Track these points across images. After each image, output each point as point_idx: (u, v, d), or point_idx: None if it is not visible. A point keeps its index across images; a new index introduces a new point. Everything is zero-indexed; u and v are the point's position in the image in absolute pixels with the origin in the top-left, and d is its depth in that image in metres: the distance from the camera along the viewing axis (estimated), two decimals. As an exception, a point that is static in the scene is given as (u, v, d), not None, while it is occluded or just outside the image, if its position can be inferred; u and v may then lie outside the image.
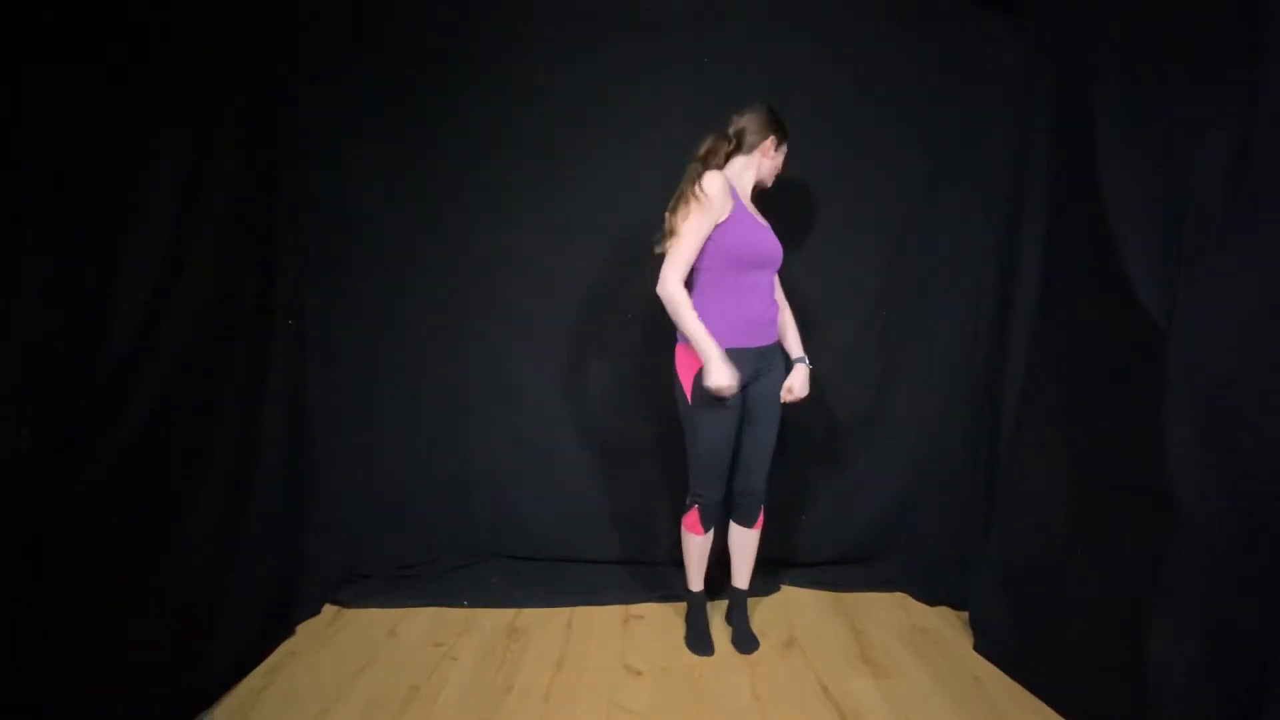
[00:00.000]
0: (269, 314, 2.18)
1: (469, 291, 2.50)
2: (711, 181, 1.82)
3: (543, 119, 2.40)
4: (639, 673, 2.01)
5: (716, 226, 1.86)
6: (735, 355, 1.88)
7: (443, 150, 2.42)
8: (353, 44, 2.34)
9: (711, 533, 2.13)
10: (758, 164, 1.97)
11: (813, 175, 2.39)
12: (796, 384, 2.04)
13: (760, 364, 1.98)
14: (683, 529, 2.12)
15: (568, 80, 2.39)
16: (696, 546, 2.14)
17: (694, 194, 1.82)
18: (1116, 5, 1.77)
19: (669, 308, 1.86)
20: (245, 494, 2.05)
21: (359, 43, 2.34)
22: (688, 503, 2.08)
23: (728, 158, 1.95)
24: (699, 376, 1.88)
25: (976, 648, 2.12)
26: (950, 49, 2.34)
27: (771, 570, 2.50)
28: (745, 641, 2.13)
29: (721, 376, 1.80)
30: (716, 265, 1.90)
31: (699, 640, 2.14)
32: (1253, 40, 1.36)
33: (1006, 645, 2.03)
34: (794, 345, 2.10)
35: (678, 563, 2.54)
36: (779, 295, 2.10)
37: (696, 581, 2.20)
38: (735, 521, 2.15)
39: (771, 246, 1.95)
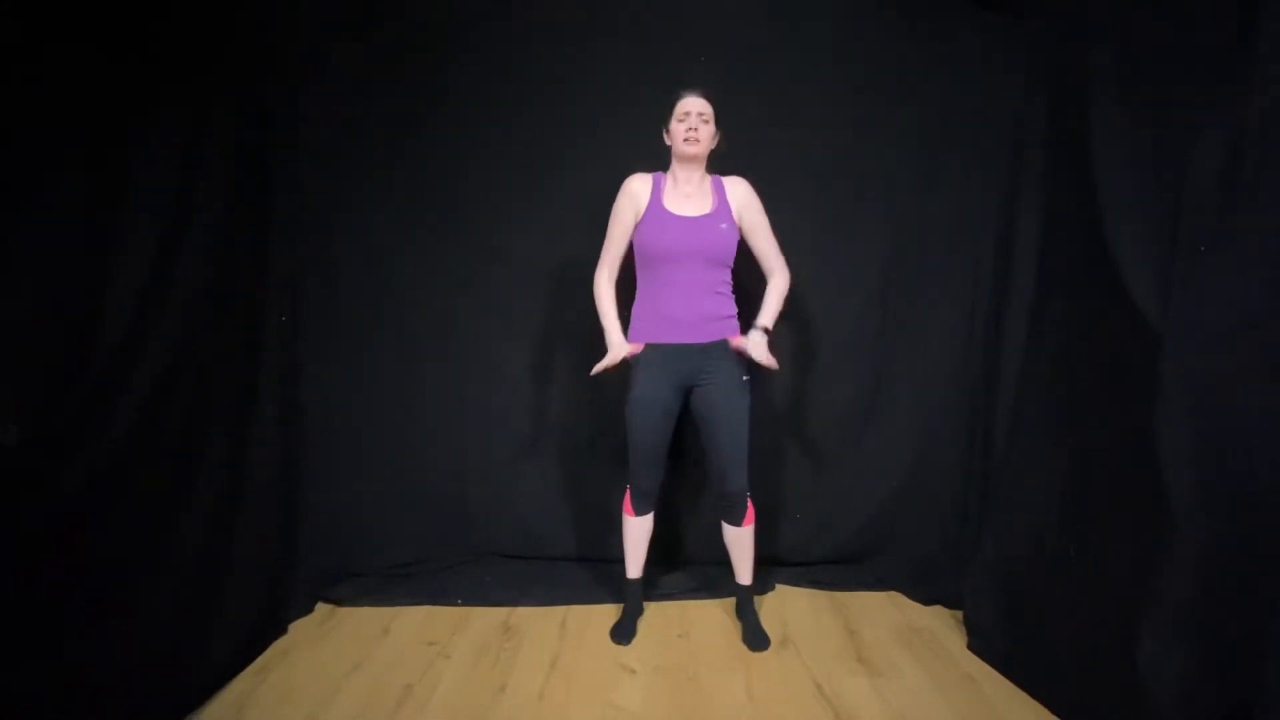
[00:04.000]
0: (262, 310, 2.17)
1: (464, 289, 2.49)
2: (624, 186, 2.01)
3: (538, 118, 2.40)
4: (633, 671, 2.00)
5: (635, 227, 2.00)
6: (660, 351, 2.00)
7: (438, 149, 2.41)
8: (349, 43, 2.32)
9: (649, 519, 2.20)
10: (672, 145, 2.00)
11: (807, 174, 2.39)
12: (749, 345, 1.98)
13: (699, 363, 2.00)
14: (622, 512, 2.20)
15: (563, 81, 2.39)
16: (631, 529, 2.20)
17: None
18: (1112, 5, 1.77)
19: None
20: (238, 491, 2.03)
21: (356, 42, 2.33)
22: (626, 485, 2.18)
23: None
24: (628, 365, 2.04)
25: (970, 646, 2.13)
26: (946, 48, 2.34)
27: (766, 570, 2.50)
28: (755, 638, 2.13)
29: (610, 352, 2.01)
30: (638, 263, 2.04)
31: (620, 628, 2.18)
32: (1249, 42, 1.36)
33: (1000, 644, 2.04)
34: (761, 316, 2.03)
35: (670, 563, 2.55)
36: (773, 277, 2.06)
37: (632, 569, 2.25)
38: (725, 521, 2.16)
39: (684, 243, 1.94)
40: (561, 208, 2.45)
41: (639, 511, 2.18)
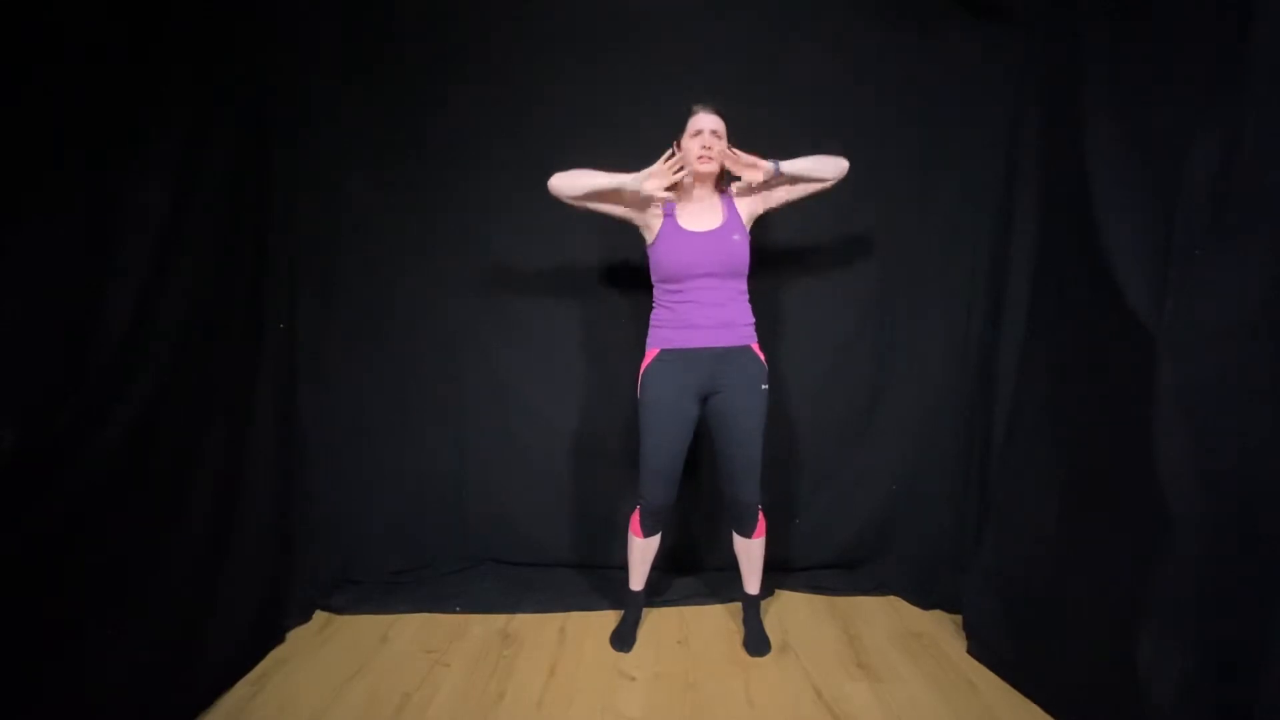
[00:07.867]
0: (260, 318, 2.17)
1: (463, 295, 2.50)
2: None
3: (539, 123, 2.41)
4: (633, 678, 2.00)
5: (648, 245, 2.03)
6: (678, 355, 1.99)
7: (435, 154, 2.42)
8: (347, 48, 2.34)
9: (656, 539, 2.16)
10: (685, 161, 1.96)
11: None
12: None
13: (718, 368, 1.98)
14: (628, 530, 2.17)
15: (562, 84, 2.40)
16: (636, 549, 2.17)
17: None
18: (1106, 9, 1.79)
19: (565, 183, 1.96)
20: (235, 499, 2.02)
21: (353, 47, 2.34)
22: (636, 503, 2.11)
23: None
24: (645, 373, 2.01)
25: (970, 651, 2.12)
26: (941, 53, 2.36)
27: (765, 575, 2.48)
28: (756, 643, 2.12)
29: (652, 175, 1.92)
30: (655, 277, 2.04)
31: (620, 636, 2.17)
32: (1241, 44, 1.38)
33: (1000, 649, 2.03)
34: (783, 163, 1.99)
35: (670, 568, 2.54)
36: (809, 162, 2.00)
37: (635, 581, 2.23)
38: (735, 532, 2.16)
39: (700, 259, 1.95)
40: (562, 214, 2.44)
41: (647, 533, 2.13)
